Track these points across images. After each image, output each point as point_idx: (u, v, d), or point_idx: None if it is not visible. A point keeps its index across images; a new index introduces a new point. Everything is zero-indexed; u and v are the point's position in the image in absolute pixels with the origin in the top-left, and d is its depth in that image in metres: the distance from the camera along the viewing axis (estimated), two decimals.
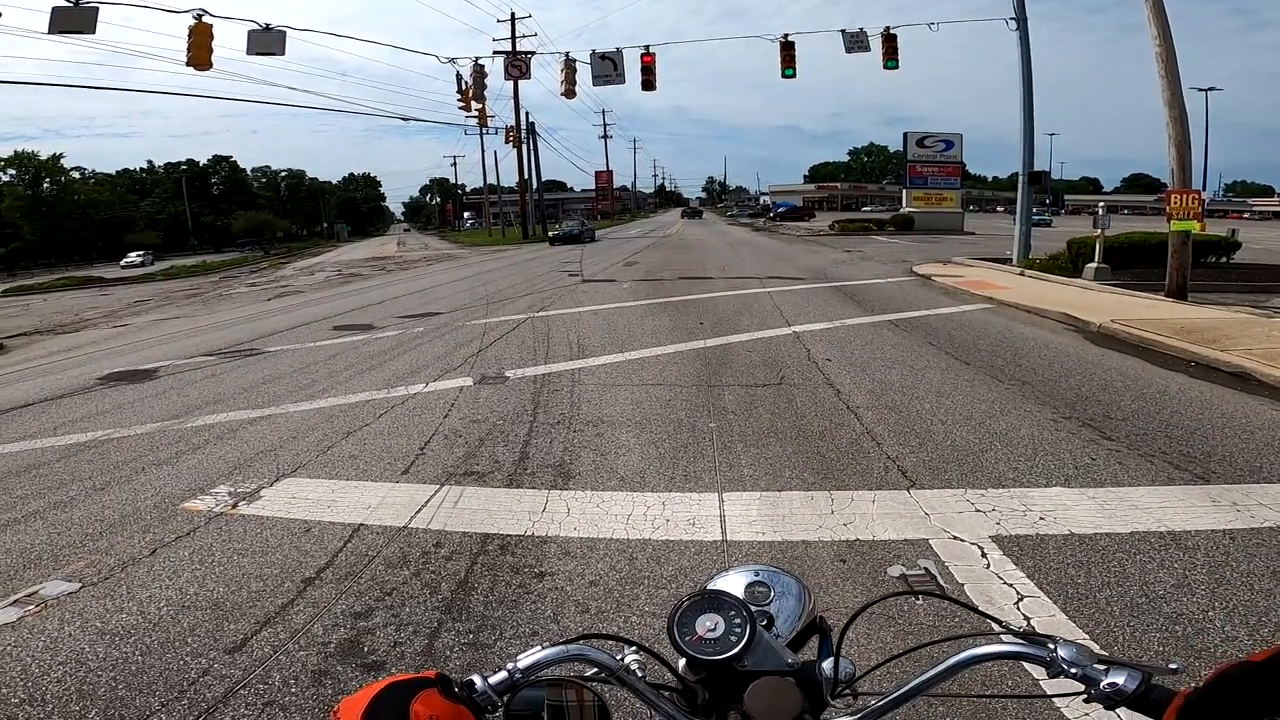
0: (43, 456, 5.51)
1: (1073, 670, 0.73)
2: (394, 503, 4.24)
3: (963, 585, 3.09)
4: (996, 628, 0.85)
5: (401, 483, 4.59)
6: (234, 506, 4.29)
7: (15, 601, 3.25)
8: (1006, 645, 0.79)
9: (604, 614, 2.99)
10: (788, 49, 20.68)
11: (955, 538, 3.53)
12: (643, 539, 3.65)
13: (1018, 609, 2.90)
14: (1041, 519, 3.71)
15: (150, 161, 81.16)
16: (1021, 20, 18.18)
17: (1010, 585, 3.08)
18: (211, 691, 2.55)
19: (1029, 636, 0.79)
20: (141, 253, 45.43)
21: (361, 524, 3.95)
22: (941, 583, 3.14)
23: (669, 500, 4.14)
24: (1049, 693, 0.80)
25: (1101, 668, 0.72)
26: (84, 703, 2.51)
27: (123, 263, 47.67)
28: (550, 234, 42.01)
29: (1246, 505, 3.82)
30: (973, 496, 4.03)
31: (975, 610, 0.93)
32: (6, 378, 9.62)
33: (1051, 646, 0.76)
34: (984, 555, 3.35)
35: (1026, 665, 2.33)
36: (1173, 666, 0.74)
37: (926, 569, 3.25)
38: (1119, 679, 0.70)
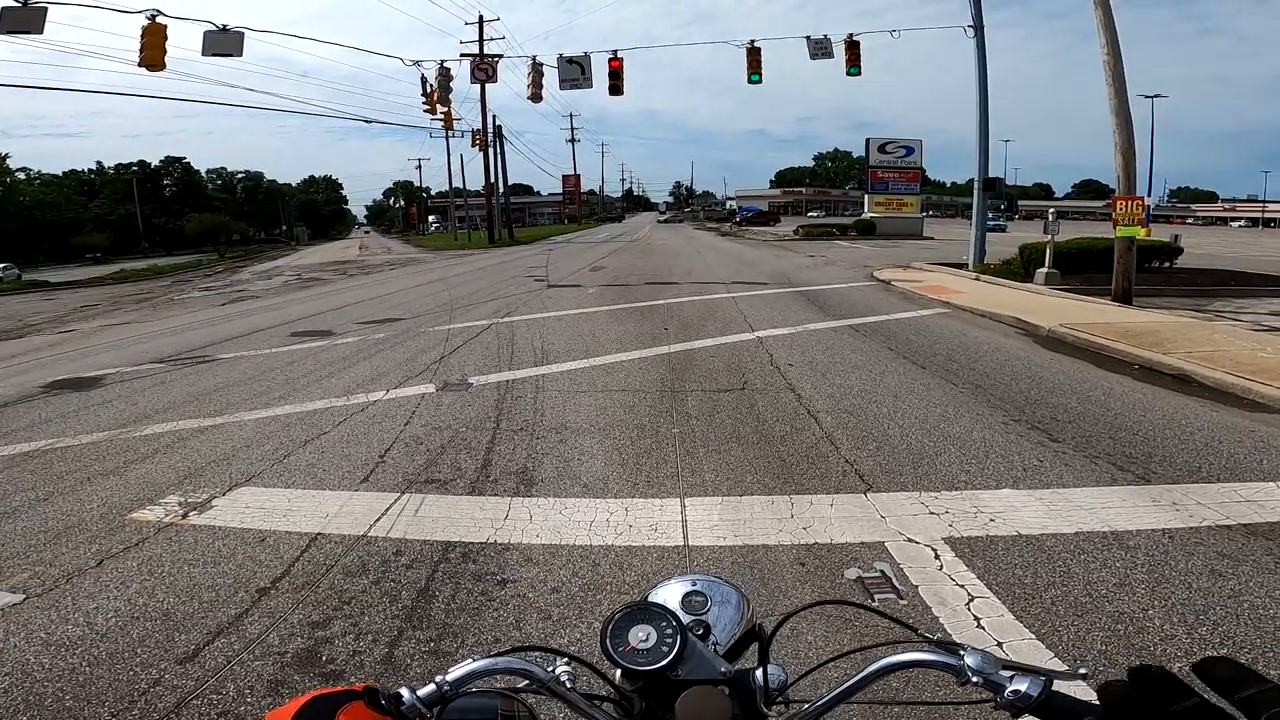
0: None
1: (975, 679, 0.75)
2: (353, 511, 4.18)
3: (916, 587, 3.17)
4: (914, 636, 0.87)
5: (361, 491, 4.52)
6: (184, 516, 4.18)
7: None
8: (920, 654, 0.80)
9: (566, 620, 2.99)
10: (754, 54, 20.89)
11: (910, 540, 3.62)
12: (605, 545, 3.66)
13: (969, 609, 2.98)
14: (991, 520, 3.82)
15: (99, 162, 78.59)
16: (979, 28, 18.57)
17: (962, 586, 3.17)
18: (163, 702, 2.50)
19: (943, 645, 0.81)
20: (4, 265, 38.08)
21: (319, 533, 3.88)
22: (897, 584, 3.21)
23: (631, 506, 4.15)
24: (961, 700, 0.82)
25: (1007, 674, 0.73)
26: (31, 713, 2.46)
27: None
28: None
29: (1185, 505, 3.98)
30: (927, 499, 4.13)
31: (892, 618, 0.96)
32: None
33: (961, 654, 0.77)
34: (937, 557, 3.44)
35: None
36: (1082, 671, 0.76)
37: (882, 571, 3.32)
38: (1022, 685, 0.71)
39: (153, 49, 15.21)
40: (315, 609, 3.11)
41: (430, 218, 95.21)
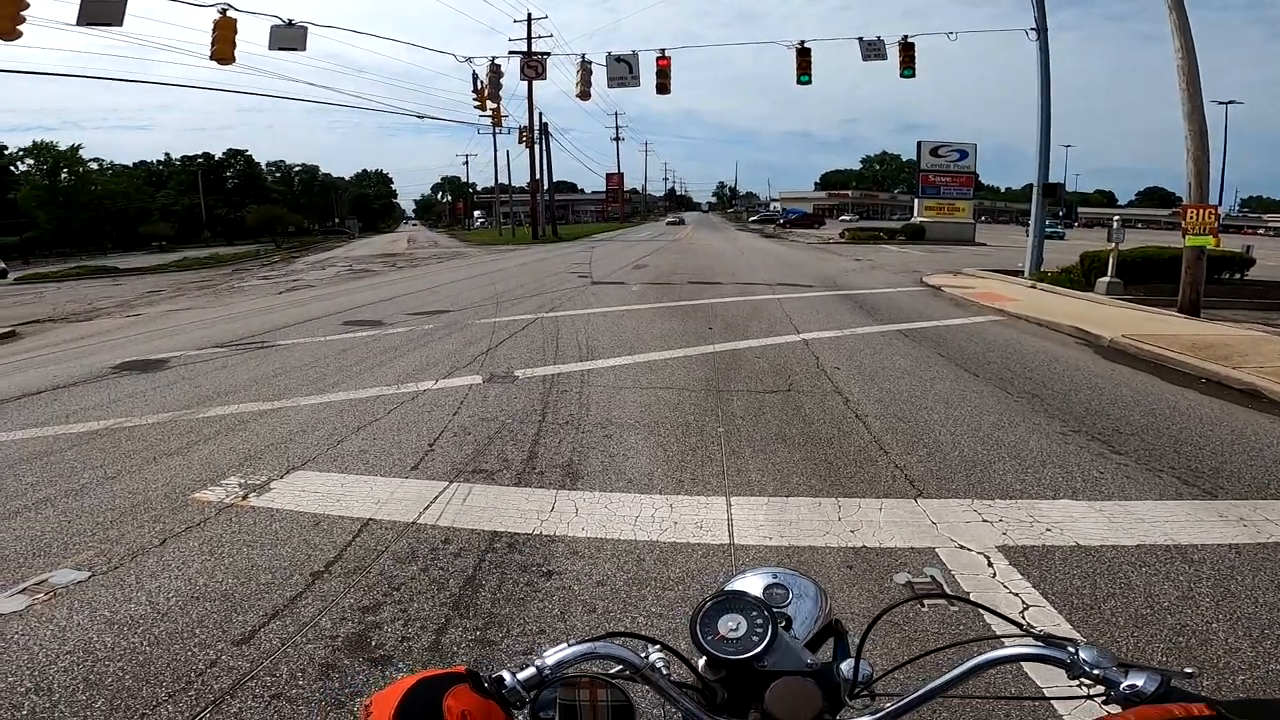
0: (54, 444, 5.55)
1: (1095, 672, 0.75)
2: (403, 498, 4.26)
3: (969, 594, 3.09)
4: (1018, 631, 0.87)
5: (411, 478, 4.61)
6: (244, 498, 4.32)
7: (24, 590, 3.26)
8: (1029, 648, 0.80)
9: (611, 614, 3.00)
10: (804, 55, 20.62)
11: (962, 547, 3.53)
12: (650, 540, 3.66)
13: (1023, 617, 2.89)
14: (1048, 530, 3.71)
15: (167, 154, 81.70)
16: (1042, 30, 17.93)
17: (1016, 594, 3.08)
18: (219, 683, 2.55)
19: (1049, 639, 0.80)
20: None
21: (370, 519, 3.97)
22: (948, 591, 3.14)
23: (676, 503, 4.15)
24: (1064, 694, 0.81)
25: (1121, 670, 0.74)
26: (90, 692, 2.51)
27: None
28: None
29: (1253, 520, 3.82)
30: (980, 507, 4.03)
31: (998, 614, 0.95)
32: (19, 364, 9.71)
33: (1072, 649, 0.77)
34: (990, 565, 3.35)
35: (1037, 669, 2.34)
36: (1189, 671, 0.75)
37: (933, 576, 3.25)
38: (1138, 681, 0.71)
39: (223, 42, 15.73)
40: (366, 594, 3.18)
41: (475, 213, 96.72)
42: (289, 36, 17.31)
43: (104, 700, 2.47)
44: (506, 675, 0.78)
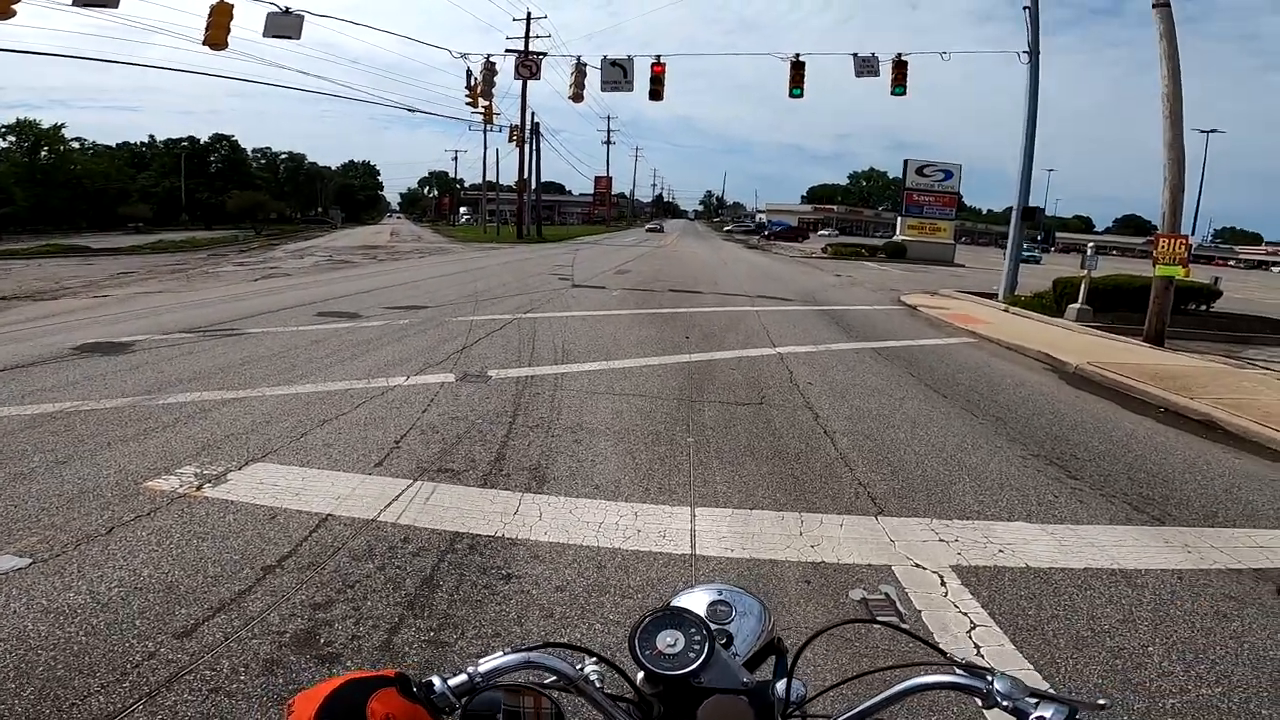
0: (6, 425, 5.39)
1: (1004, 703, 0.76)
2: (365, 495, 4.22)
3: (920, 612, 3.14)
4: (941, 658, 0.88)
5: (374, 475, 4.57)
6: (198, 488, 4.24)
7: None
8: (947, 675, 0.82)
9: (569, 620, 3.00)
10: (798, 68, 20.77)
11: (917, 565, 3.58)
12: (613, 548, 3.66)
13: (969, 637, 2.95)
14: (1001, 551, 3.78)
15: (151, 136, 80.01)
16: (1034, 53, 18.08)
17: (965, 614, 3.13)
18: (155, 675, 2.50)
19: (970, 668, 0.82)
20: None
21: (329, 514, 3.92)
22: (900, 608, 3.18)
23: (642, 511, 4.15)
24: None
25: (1033, 701, 0.75)
26: (20, 681, 2.44)
27: None
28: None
29: (1198, 547, 3.94)
30: (938, 526, 4.08)
31: (923, 640, 0.97)
32: None
33: (989, 679, 0.79)
34: (943, 583, 3.40)
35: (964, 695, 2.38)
36: (1101, 702, 0.78)
37: (887, 594, 3.29)
38: (1046, 713, 0.73)
39: (218, 28, 15.53)
40: (318, 590, 3.14)
41: (462, 209, 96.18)
42: (285, 24, 17.13)
43: (33, 689, 2.41)
44: (437, 680, 0.77)
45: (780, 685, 0.85)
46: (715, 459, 5.13)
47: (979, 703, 0.80)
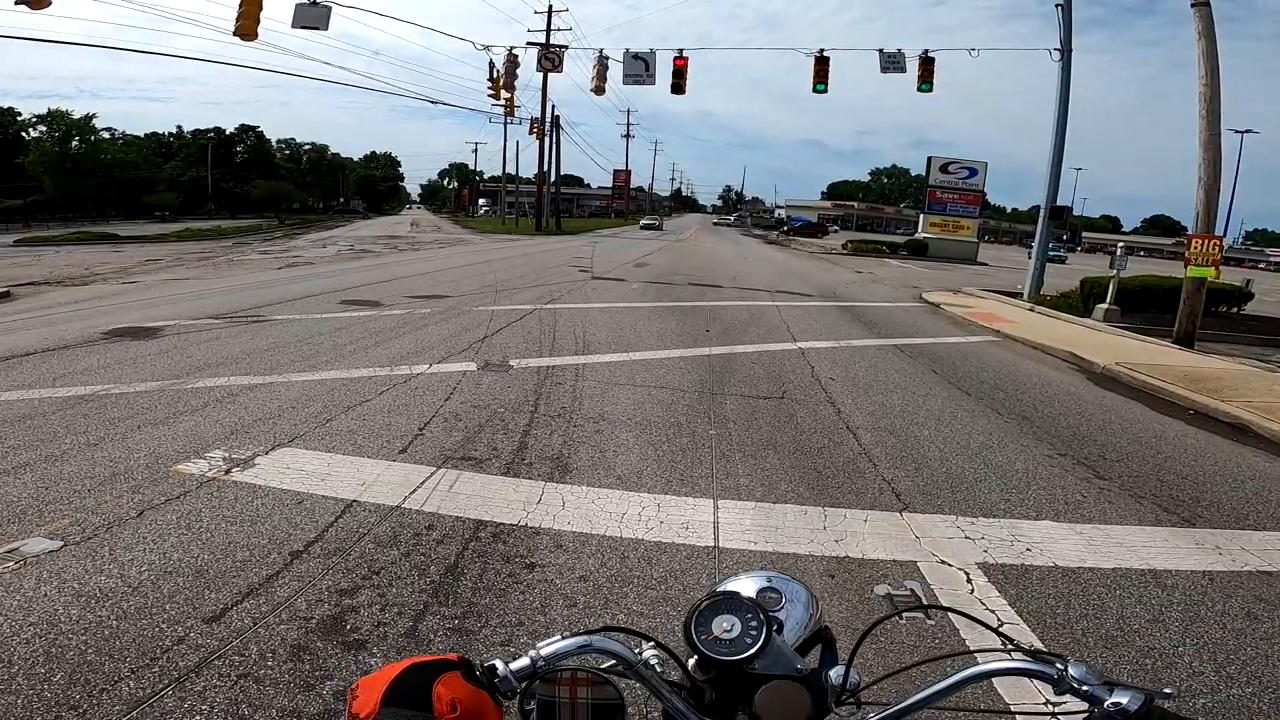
0: (39, 407, 5.49)
1: (1082, 688, 0.75)
2: (389, 481, 4.25)
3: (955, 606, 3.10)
4: (1007, 645, 0.87)
5: (398, 462, 4.60)
6: (227, 472, 4.29)
7: None
8: (1017, 662, 0.81)
9: (592, 610, 3.00)
10: (822, 64, 20.58)
11: (943, 562, 3.54)
12: (635, 538, 3.66)
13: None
14: (1028, 550, 3.73)
15: (179, 126, 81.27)
16: (1066, 51, 17.74)
17: (992, 610, 3.10)
18: (185, 660, 2.51)
19: (1038, 655, 0.81)
20: None
21: (354, 500, 3.95)
22: (926, 602, 3.15)
23: (664, 502, 4.14)
24: (1051, 710, 0.82)
25: (1106, 688, 0.75)
26: (50, 665, 2.45)
27: None
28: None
29: (1229, 549, 3.88)
30: (963, 524, 4.04)
31: (989, 628, 0.95)
32: (10, 325, 9.64)
33: (1060, 665, 0.78)
34: (969, 580, 3.36)
35: (1005, 684, 2.36)
36: (1168, 691, 0.76)
37: (912, 590, 3.26)
38: (1123, 699, 0.72)
39: (248, 19, 15.66)
40: (344, 576, 3.16)
41: (481, 201, 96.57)
42: (313, 15, 17.27)
43: (64, 674, 2.41)
44: (499, 664, 0.77)
45: (834, 672, 0.84)
46: (737, 451, 5.11)
47: (1045, 691, 0.78)
